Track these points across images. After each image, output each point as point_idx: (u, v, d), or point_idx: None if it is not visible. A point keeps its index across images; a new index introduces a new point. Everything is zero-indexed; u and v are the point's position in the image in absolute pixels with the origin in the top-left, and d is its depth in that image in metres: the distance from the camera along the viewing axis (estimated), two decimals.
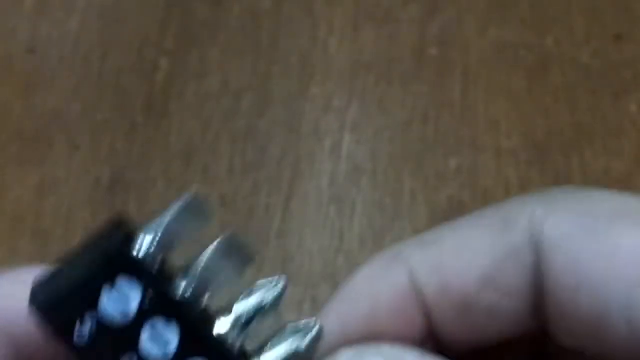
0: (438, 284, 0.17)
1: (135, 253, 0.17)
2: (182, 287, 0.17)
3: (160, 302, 0.16)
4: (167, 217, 0.17)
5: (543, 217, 0.17)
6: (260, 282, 0.17)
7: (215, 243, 0.18)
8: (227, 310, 0.17)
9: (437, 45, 0.54)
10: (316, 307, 0.45)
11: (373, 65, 0.53)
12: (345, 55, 0.54)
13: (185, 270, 0.17)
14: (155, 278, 0.16)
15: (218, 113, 0.51)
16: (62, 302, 0.16)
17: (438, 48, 0.54)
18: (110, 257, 0.17)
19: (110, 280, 0.16)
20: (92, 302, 0.16)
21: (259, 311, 0.18)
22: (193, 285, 0.17)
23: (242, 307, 0.17)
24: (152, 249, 0.17)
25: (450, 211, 0.48)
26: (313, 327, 0.17)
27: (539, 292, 0.17)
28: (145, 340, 0.16)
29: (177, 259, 0.18)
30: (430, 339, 0.18)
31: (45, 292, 0.16)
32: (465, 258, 0.17)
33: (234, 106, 0.52)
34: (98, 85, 0.53)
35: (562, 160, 0.49)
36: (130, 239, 0.17)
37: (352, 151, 0.50)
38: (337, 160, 0.50)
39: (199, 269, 0.17)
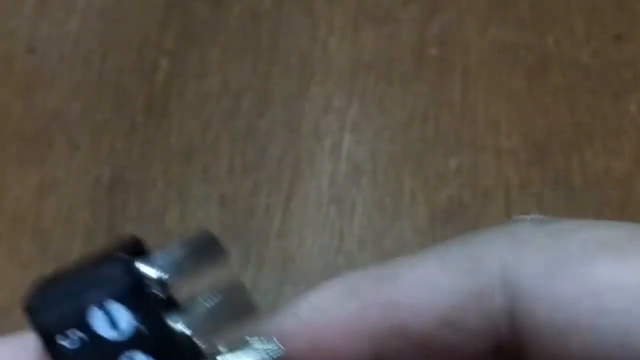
0: (391, 322, 0.16)
1: (137, 281, 0.16)
2: (179, 326, 0.16)
3: (150, 336, 0.16)
4: (177, 252, 0.17)
5: (516, 262, 0.16)
6: (256, 342, 0.16)
7: (221, 291, 0.17)
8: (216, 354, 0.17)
9: (437, 45, 0.54)
10: None
11: (373, 65, 0.53)
12: (345, 55, 0.54)
13: (186, 310, 0.17)
14: (151, 310, 0.16)
15: (218, 113, 0.51)
16: (52, 312, 0.16)
17: (438, 48, 0.54)
18: (111, 280, 0.16)
19: (107, 301, 0.16)
20: (82, 320, 0.16)
21: None
22: (191, 327, 0.16)
23: None
24: (157, 280, 0.16)
25: (450, 211, 0.48)
26: (276, 351, 0.17)
27: (509, 338, 0.16)
28: None
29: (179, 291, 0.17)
30: None
31: (40, 297, 0.16)
32: (424, 296, 0.16)
33: (234, 106, 0.52)
34: (98, 85, 0.53)
35: (562, 160, 0.49)
36: (135, 266, 0.16)
37: (352, 151, 0.50)
38: (337, 160, 0.50)
39: (202, 312, 0.17)
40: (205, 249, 0.17)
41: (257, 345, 0.17)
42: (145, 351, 0.16)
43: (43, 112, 0.52)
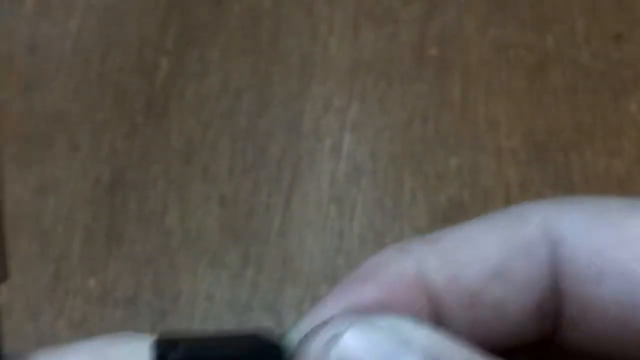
0: (446, 275, 0.17)
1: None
2: None
3: None
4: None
5: (557, 214, 0.17)
6: None
7: None
8: None
9: (437, 45, 0.54)
10: None
11: (373, 65, 0.53)
12: (345, 55, 0.54)
13: None
14: None
15: (218, 113, 0.51)
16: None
17: (438, 48, 0.54)
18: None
19: None
20: None
21: None
22: None
23: None
24: None
25: (451, 211, 0.48)
26: None
27: (550, 290, 0.17)
28: None
29: None
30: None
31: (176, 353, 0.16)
32: (475, 251, 0.17)
33: (234, 106, 0.52)
34: (98, 85, 0.53)
35: (562, 159, 0.49)
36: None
37: (352, 151, 0.50)
38: (337, 160, 0.50)
39: None
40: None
41: None
42: None
43: (43, 112, 0.52)
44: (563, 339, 0.17)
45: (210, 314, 0.45)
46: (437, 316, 0.17)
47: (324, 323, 0.16)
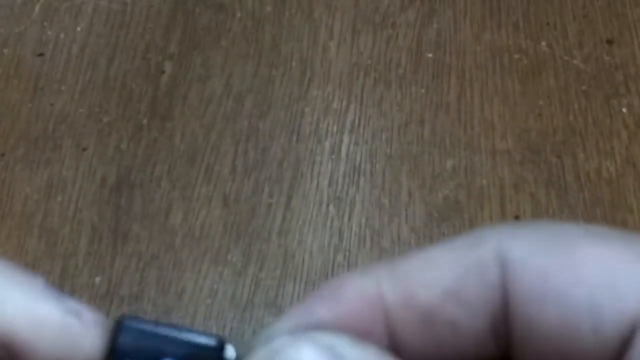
0: (401, 295, 0.17)
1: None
2: None
3: None
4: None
5: (510, 237, 0.17)
6: None
7: None
8: None
9: (434, 49, 0.54)
10: None
11: (371, 68, 0.54)
12: (344, 59, 0.54)
13: None
14: None
15: (221, 115, 0.52)
16: (134, 343, 0.18)
17: (434, 52, 0.54)
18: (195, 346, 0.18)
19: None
20: None
21: None
22: None
23: None
24: None
25: (447, 210, 0.48)
26: None
27: (501, 310, 0.17)
28: None
29: None
30: (391, 349, 0.18)
31: (134, 325, 0.17)
32: (431, 272, 0.17)
33: (236, 108, 0.52)
34: (104, 88, 0.53)
35: (556, 160, 0.50)
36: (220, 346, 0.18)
37: (351, 152, 0.50)
38: (337, 160, 0.50)
39: None
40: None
41: None
42: None
43: (51, 114, 0.52)
44: (516, 358, 0.17)
45: (213, 310, 0.45)
46: (393, 334, 0.18)
47: (269, 338, 0.17)
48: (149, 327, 0.18)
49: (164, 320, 0.45)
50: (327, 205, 0.48)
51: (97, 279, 0.46)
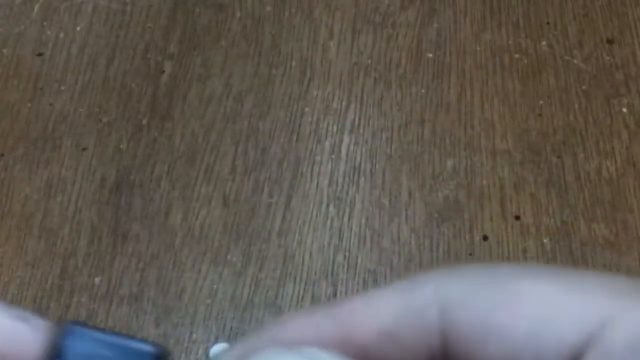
0: (339, 333, 0.18)
1: None
2: None
3: None
4: None
5: (449, 280, 0.18)
6: None
7: None
8: None
9: (434, 49, 0.54)
10: (316, 303, 0.45)
11: (371, 68, 0.54)
12: (344, 59, 0.54)
13: None
14: None
15: (220, 115, 0.52)
16: (79, 350, 0.18)
17: (435, 52, 0.54)
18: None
19: None
20: None
21: None
22: None
23: None
24: None
25: (447, 210, 0.48)
26: None
27: (440, 349, 0.17)
28: None
29: None
30: None
31: (79, 342, 0.18)
32: (369, 312, 0.18)
33: (236, 108, 0.52)
34: (104, 88, 0.53)
35: (556, 160, 0.50)
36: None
37: (351, 152, 0.50)
38: (337, 160, 0.50)
39: None
40: None
41: None
42: None
43: (50, 114, 0.52)
44: None
45: (213, 310, 0.45)
46: None
47: (253, 350, 0.18)
48: (94, 333, 0.18)
49: (163, 320, 0.45)
50: (327, 205, 0.48)
51: (97, 279, 0.46)
